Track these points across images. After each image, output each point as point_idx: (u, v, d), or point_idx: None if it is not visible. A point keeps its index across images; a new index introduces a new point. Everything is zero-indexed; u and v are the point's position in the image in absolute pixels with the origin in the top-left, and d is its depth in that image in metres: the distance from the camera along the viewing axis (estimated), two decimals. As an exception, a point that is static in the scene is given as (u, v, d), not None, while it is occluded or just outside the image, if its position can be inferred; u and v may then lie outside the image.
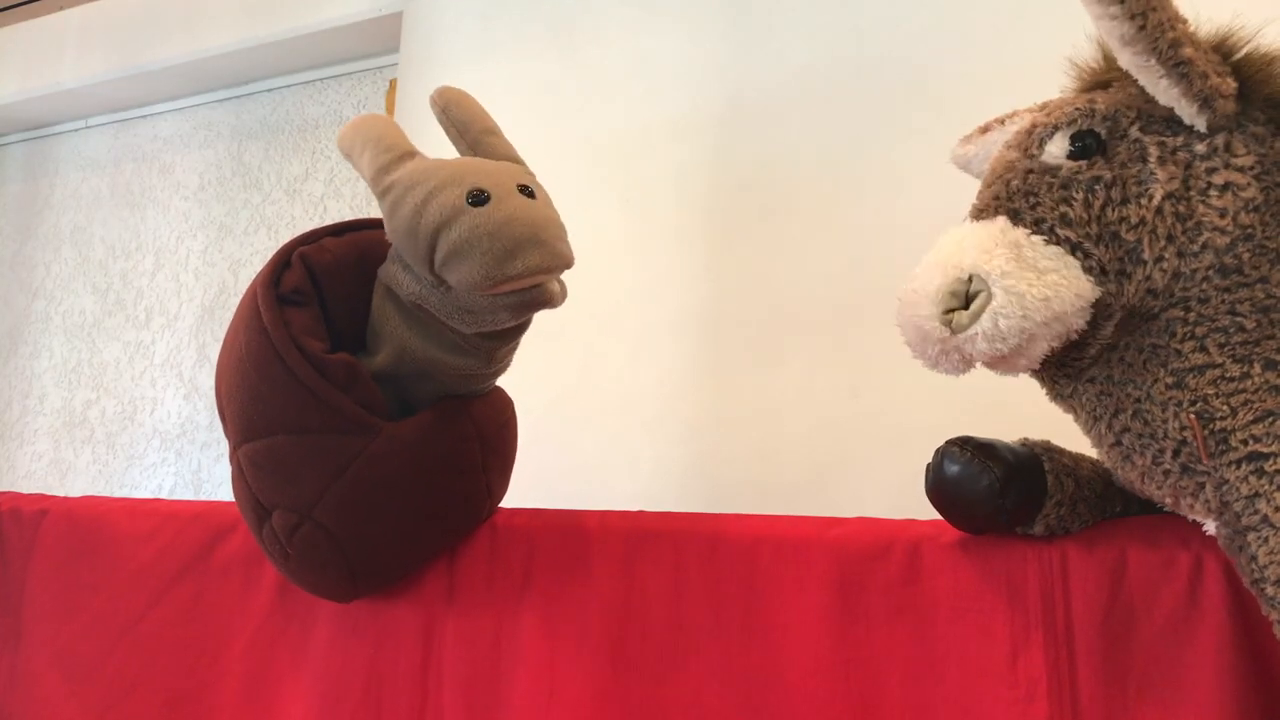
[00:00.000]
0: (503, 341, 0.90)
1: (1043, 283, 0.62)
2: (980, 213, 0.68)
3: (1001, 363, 0.65)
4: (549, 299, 0.83)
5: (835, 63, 1.49)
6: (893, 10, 1.46)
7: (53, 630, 1.09)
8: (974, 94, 1.32)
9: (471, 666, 0.90)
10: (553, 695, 0.86)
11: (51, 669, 1.07)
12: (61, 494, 1.20)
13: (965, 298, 0.63)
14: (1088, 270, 0.64)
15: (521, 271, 0.79)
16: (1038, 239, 0.64)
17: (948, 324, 0.63)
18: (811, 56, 1.51)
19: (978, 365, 0.66)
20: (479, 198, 0.80)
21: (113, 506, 1.13)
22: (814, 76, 1.50)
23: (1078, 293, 0.63)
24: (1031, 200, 0.66)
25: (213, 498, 2.09)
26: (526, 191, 0.83)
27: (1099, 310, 0.65)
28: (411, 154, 0.86)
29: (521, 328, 0.91)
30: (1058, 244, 0.64)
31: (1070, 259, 0.63)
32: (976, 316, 0.62)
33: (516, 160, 0.92)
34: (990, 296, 0.61)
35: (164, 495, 2.21)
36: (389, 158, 0.85)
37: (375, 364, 0.89)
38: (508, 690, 0.89)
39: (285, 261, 0.88)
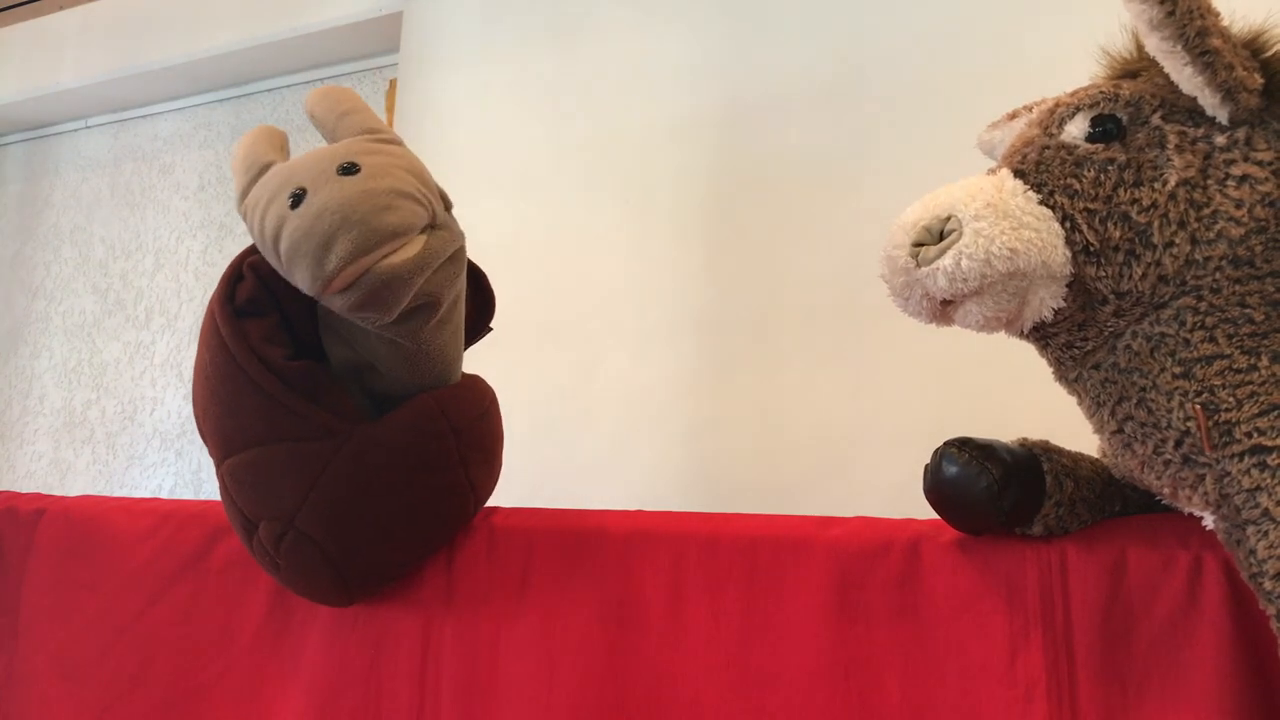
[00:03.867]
0: (415, 322, 0.85)
1: (1016, 235, 0.62)
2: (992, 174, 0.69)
3: (965, 310, 0.65)
4: (386, 281, 0.76)
5: (835, 63, 1.49)
6: (892, 10, 1.46)
7: (50, 630, 1.08)
8: (973, 94, 1.32)
9: (470, 667, 0.90)
10: (552, 695, 0.86)
11: (49, 668, 1.07)
12: (61, 494, 1.19)
13: (940, 234, 0.63)
14: (1069, 244, 0.63)
15: (338, 265, 0.74)
16: (1032, 195, 0.64)
17: (915, 256, 0.63)
18: (811, 56, 1.51)
19: (954, 322, 0.67)
20: (298, 198, 0.77)
21: (110, 506, 1.13)
22: (814, 76, 1.50)
23: (1045, 260, 0.63)
24: (1042, 168, 0.66)
25: (213, 498, 2.08)
26: (348, 169, 0.78)
27: (1080, 293, 0.65)
28: (267, 165, 0.84)
29: (430, 305, 0.85)
30: (1051, 208, 0.64)
31: (1055, 226, 0.63)
32: (942, 253, 0.62)
33: (369, 130, 0.85)
34: (960, 235, 0.62)
35: (164, 495, 2.21)
36: (245, 180, 0.84)
37: (334, 362, 0.89)
38: (507, 691, 0.88)
39: (237, 274, 0.88)
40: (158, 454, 2.25)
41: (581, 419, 1.55)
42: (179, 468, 2.22)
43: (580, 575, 0.89)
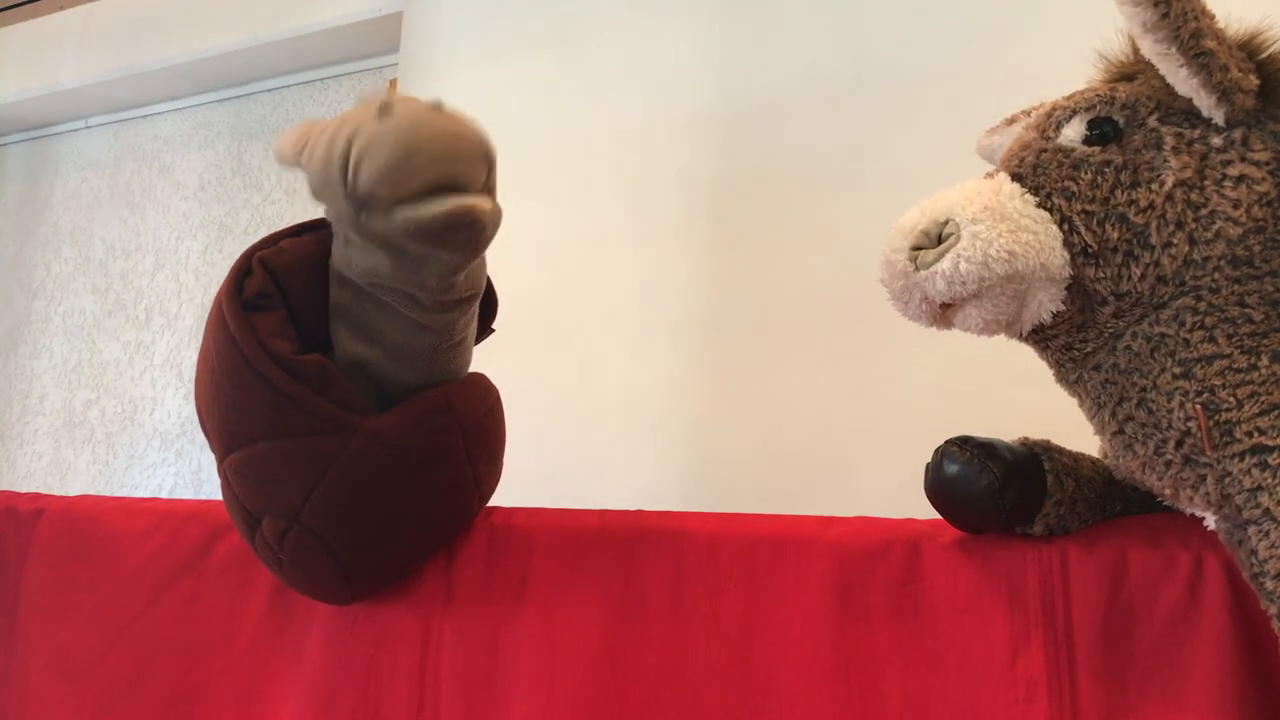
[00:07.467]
0: (458, 311, 0.88)
1: (1014, 238, 0.62)
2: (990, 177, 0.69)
3: (964, 314, 0.66)
4: (473, 217, 0.77)
5: (836, 62, 1.49)
6: (893, 10, 1.46)
7: (49, 630, 1.08)
8: (974, 94, 1.32)
9: (470, 667, 0.90)
10: (551, 696, 0.86)
11: (47, 668, 1.07)
12: (61, 494, 1.19)
13: (938, 238, 0.63)
14: (1068, 246, 0.64)
15: (423, 170, 0.75)
16: (1030, 198, 0.64)
17: (913, 260, 0.64)
18: (812, 56, 1.51)
19: (954, 326, 0.67)
20: (385, 111, 0.77)
21: (109, 505, 1.13)
22: (814, 76, 1.50)
23: (1044, 262, 0.63)
24: (1039, 171, 0.66)
25: (213, 497, 2.08)
26: (437, 107, 0.79)
27: (1079, 295, 0.65)
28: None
29: (473, 296, 0.88)
30: (1048, 210, 0.64)
31: (1053, 229, 0.64)
32: (941, 256, 0.62)
33: None
34: (958, 239, 0.62)
35: (164, 495, 2.21)
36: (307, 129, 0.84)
37: (342, 356, 0.88)
38: (506, 691, 0.88)
39: (246, 268, 0.87)
40: (158, 454, 2.25)
41: (582, 419, 1.55)
42: (179, 468, 2.22)
43: (580, 575, 0.89)
